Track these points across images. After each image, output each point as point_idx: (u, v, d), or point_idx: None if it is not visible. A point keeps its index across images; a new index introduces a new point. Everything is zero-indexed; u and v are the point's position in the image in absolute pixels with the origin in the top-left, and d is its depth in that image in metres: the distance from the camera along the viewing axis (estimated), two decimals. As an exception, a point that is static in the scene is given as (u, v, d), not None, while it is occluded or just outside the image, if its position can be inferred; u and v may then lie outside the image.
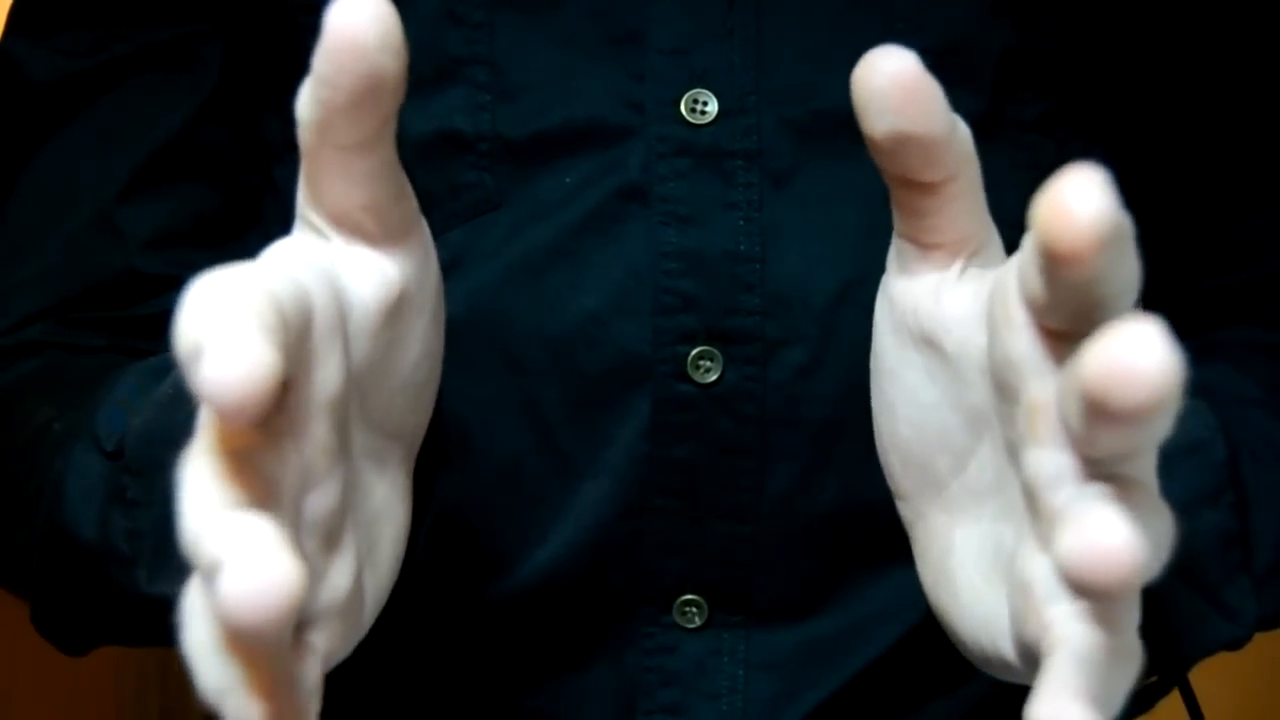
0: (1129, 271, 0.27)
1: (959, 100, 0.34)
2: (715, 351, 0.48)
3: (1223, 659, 0.49)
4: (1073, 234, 0.25)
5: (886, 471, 0.38)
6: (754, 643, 0.50)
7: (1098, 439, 0.27)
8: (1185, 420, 0.46)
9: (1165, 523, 0.28)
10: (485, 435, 0.49)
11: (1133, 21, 0.52)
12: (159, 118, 0.54)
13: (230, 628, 0.24)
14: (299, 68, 0.52)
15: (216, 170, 0.55)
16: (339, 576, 0.31)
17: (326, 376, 0.31)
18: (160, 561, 0.42)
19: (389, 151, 0.33)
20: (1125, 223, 0.26)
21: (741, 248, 0.48)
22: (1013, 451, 0.32)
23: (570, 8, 0.49)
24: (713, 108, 0.49)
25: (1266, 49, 0.55)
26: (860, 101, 0.31)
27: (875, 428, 0.38)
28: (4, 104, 0.56)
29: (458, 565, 0.50)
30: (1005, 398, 0.32)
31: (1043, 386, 0.30)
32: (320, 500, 0.30)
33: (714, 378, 0.48)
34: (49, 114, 0.55)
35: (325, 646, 0.30)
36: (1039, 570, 0.29)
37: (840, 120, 0.49)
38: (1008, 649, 0.34)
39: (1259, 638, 0.48)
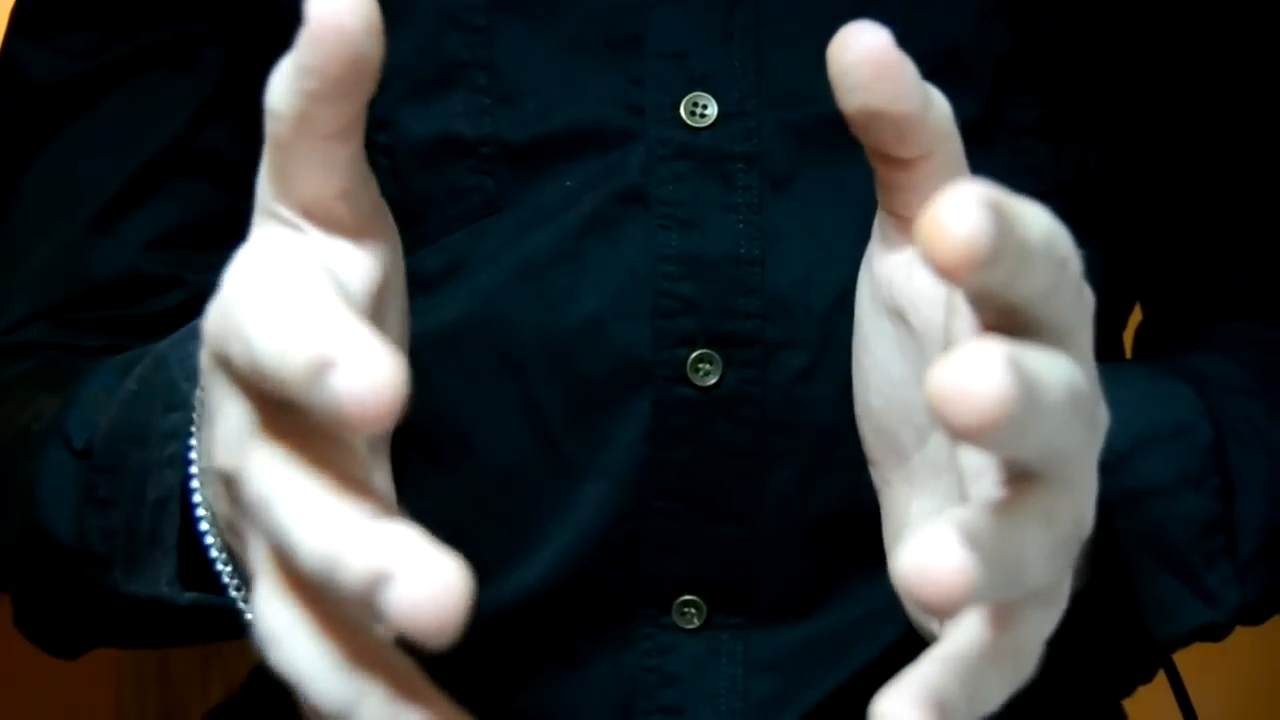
0: (1047, 277, 0.27)
1: (957, 105, 0.34)
2: (715, 355, 0.48)
3: (1221, 660, 0.49)
4: (945, 252, 0.24)
5: (860, 436, 0.39)
6: (753, 643, 0.50)
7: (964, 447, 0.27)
8: (1170, 403, 0.47)
9: (1066, 527, 0.28)
10: (485, 438, 0.49)
11: (1131, 24, 0.52)
12: (161, 118, 0.54)
13: (416, 634, 0.24)
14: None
15: (218, 171, 0.55)
16: None
17: None
18: (132, 560, 0.43)
19: (361, 137, 0.33)
20: (1021, 237, 0.25)
21: (741, 251, 0.48)
22: None
23: (570, 12, 0.49)
24: (712, 111, 0.49)
25: (1265, 50, 0.55)
26: (833, 76, 0.32)
27: (853, 394, 0.39)
28: (6, 104, 0.56)
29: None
30: None
31: None
32: None
33: (713, 381, 0.48)
34: (51, 114, 0.55)
35: None
36: None
37: (840, 124, 0.49)
38: (939, 629, 0.35)
39: (1257, 639, 0.48)
